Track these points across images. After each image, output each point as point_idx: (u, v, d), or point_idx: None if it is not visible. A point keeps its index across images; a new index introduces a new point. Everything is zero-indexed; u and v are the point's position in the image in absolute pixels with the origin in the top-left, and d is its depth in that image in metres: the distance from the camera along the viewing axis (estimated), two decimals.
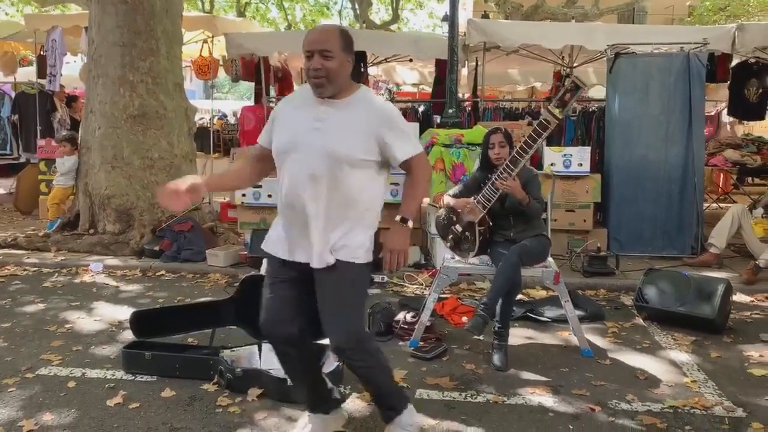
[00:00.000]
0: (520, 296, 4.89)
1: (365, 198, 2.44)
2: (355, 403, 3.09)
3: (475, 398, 3.16)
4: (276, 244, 2.53)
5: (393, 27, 20.40)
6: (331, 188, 2.37)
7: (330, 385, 2.81)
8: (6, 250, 6.23)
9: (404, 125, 2.47)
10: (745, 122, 11.74)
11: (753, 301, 4.86)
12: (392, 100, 4.72)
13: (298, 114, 2.46)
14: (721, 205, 8.63)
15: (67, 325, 4.23)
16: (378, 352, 2.59)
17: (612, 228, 6.17)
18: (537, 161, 6.39)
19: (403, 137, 2.42)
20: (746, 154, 8.07)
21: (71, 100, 9.56)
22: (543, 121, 3.32)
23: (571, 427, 2.87)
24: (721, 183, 9.31)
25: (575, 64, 8.85)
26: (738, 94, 8.92)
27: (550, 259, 3.89)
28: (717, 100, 11.55)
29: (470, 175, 4.10)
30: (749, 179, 9.27)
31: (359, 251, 2.43)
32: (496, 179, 3.51)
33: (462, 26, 7.18)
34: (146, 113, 6.41)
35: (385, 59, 9.10)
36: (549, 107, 3.29)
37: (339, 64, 2.35)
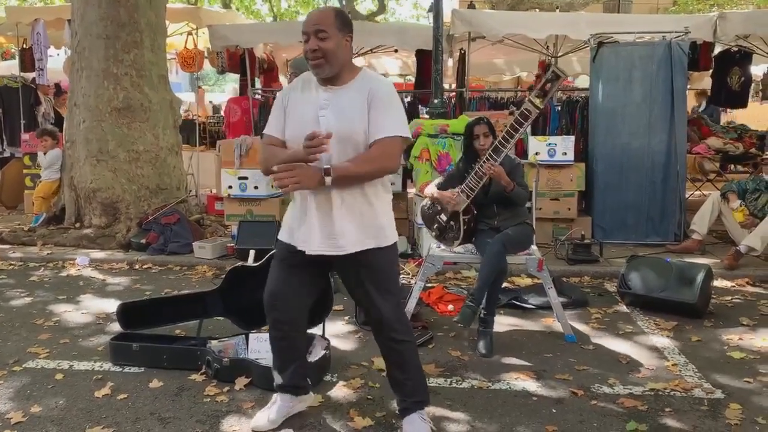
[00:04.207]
0: (506, 284, 4.95)
1: (379, 179, 2.48)
2: (342, 391, 3.12)
3: (460, 384, 3.21)
4: (293, 235, 2.54)
5: (380, 18, 20.36)
6: None
7: (306, 371, 2.88)
8: None
9: (390, 106, 2.40)
10: (729, 110, 11.92)
11: (734, 286, 4.94)
12: None
13: (304, 104, 2.47)
14: (705, 192, 8.72)
15: (54, 318, 4.23)
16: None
17: (596, 216, 6.24)
18: (522, 150, 6.44)
19: (382, 116, 2.37)
20: (728, 141, 8.16)
21: (59, 93, 9.48)
22: (524, 111, 3.35)
23: (554, 410, 2.92)
24: None
25: (560, 54, 8.89)
26: (721, 82, 9.01)
27: (533, 246, 3.93)
28: (700, 88, 11.67)
29: (455, 165, 4.13)
30: (732, 166, 9.37)
31: (389, 231, 2.52)
32: (484, 163, 3.53)
33: (447, 16, 7.19)
34: (131, 106, 6.39)
35: (371, 50, 9.09)
36: (530, 97, 3.32)
37: (336, 44, 2.36)
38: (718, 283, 4.93)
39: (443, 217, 3.84)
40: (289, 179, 2.25)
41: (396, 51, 9.25)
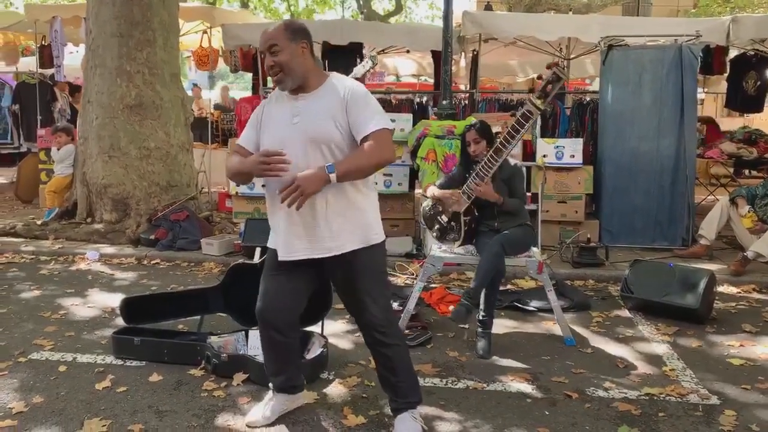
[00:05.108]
0: (508, 286, 4.96)
1: (361, 180, 2.49)
2: (338, 389, 3.15)
3: (456, 384, 3.22)
4: (278, 243, 2.58)
5: (397, 18, 20.38)
6: None
7: (300, 372, 2.92)
8: (4, 238, 6.32)
9: (369, 103, 2.46)
10: (746, 115, 11.80)
11: (739, 293, 4.89)
12: (373, 65, 4.69)
13: (277, 115, 2.54)
14: (718, 197, 8.64)
15: (61, 312, 4.31)
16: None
17: (604, 219, 6.20)
18: (530, 152, 6.42)
19: (364, 113, 2.41)
20: (742, 146, 8.07)
21: (75, 90, 9.63)
22: (526, 112, 3.36)
23: (546, 413, 2.93)
24: None
25: (572, 56, 8.86)
26: (736, 86, 8.94)
27: (535, 249, 3.94)
28: (717, 92, 11.56)
29: (457, 166, 4.15)
30: (746, 171, 9.28)
31: (376, 229, 2.55)
32: (471, 180, 3.58)
33: (458, 18, 7.20)
34: (143, 103, 6.46)
35: (383, 50, 9.12)
36: (531, 98, 3.33)
37: (290, 55, 2.42)
38: (723, 288, 4.90)
39: (444, 218, 3.86)
40: (296, 195, 2.27)
41: (408, 51, 9.28)
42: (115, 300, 4.49)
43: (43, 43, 9.57)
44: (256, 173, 2.41)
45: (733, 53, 8.77)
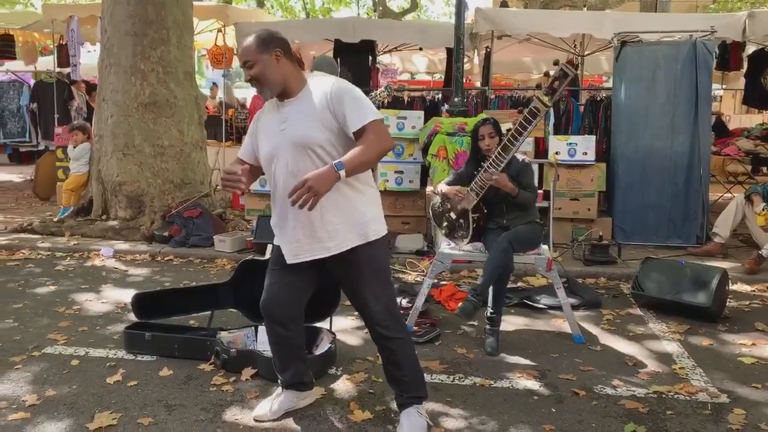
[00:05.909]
0: (519, 283, 4.95)
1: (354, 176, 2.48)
2: (345, 384, 3.17)
3: (463, 381, 3.23)
4: (281, 243, 2.63)
5: (413, 15, 20.38)
6: None
7: (307, 369, 2.95)
8: (22, 235, 6.42)
9: (356, 97, 2.46)
10: (764, 111, 11.64)
11: (753, 291, 4.84)
12: (395, 91, 4.59)
13: (269, 123, 2.59)
14: (735, 194, 8.53)
15: (75, 307, 4.37)
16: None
17: (617, 217, 6.16)
18: (543, 149, 6.40)
19: (353, 108, 2.42)
20: (760, 143, 7.98)
21: (92, 88, 9.75)
22: (533, 109, 3.36)
23: (553, 410, 2.92)
24: None
25: (587, 53, 8.80)
26: (754, 82, 8.82)
27: (544, 246, 3.92)
28: (735, 88, 11.42)
29: (466, 164, 4.14)
30: (764, 169, 9.16)
31: (375, 225, 2.56)
32: (484, 171, 3.57)
33: (471, 15, 7.18)
34: (157, 102, 6.53)
35: (396, 48, 9.13)
36: (538, 95, 3.33)
37: (263, 66, 2.47)
38: (737, 287, 4.85)
39: (452, 215, 3.87)
40: (308, 195, 2.25)
41: (420, 49, 9.27)
42: (128, 296, 4.53)
43: (61, 42, 9.70)
44: (222, 187, 2.53)
45: (751, 49, 8.67)
